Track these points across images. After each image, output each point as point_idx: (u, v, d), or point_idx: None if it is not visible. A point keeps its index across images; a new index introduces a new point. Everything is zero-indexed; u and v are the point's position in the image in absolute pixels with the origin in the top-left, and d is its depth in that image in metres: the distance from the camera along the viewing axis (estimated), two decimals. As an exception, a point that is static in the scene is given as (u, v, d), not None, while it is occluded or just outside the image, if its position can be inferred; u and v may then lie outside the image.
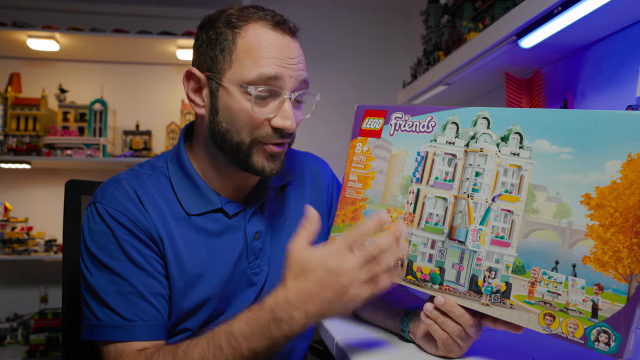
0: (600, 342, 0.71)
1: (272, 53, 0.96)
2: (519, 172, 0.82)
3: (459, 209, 0.88)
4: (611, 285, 0.71)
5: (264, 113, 0.98)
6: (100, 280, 0.95)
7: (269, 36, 0.97)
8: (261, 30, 0.97)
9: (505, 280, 0.81)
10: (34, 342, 3.09)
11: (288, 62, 0.97)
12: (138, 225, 0.97)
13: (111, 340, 0.93)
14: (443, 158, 0.92)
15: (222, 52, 0.98)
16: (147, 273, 0.96)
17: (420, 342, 0.97)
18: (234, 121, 0.98)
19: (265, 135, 0.99)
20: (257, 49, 0.96)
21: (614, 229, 0.71)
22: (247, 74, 0.96)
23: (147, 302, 0.95)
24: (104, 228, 0.97)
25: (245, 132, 0.99)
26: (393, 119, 1.01)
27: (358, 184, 1.04)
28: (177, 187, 1.04)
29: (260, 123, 0.98)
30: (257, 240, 1.08)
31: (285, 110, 0.98)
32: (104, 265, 0.95)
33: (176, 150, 1.09)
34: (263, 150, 1.00)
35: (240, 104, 0.97)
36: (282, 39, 0.98)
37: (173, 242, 1.00)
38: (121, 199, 0.99)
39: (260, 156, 1.00)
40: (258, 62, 0.95)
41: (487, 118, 0.88)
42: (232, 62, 0.97)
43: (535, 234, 0.79)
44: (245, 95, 0.96)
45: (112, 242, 0.96)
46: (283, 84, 0.97)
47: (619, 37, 1.58)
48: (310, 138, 3.50)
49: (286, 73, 0.97)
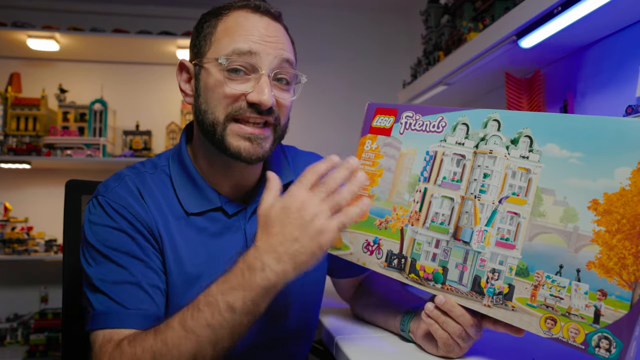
0: (601, 348, 0.71)
1: (249, 31, 0.98)
2: (528, 175, 0.82)
3: (465, 210, 0.88)
4: (615, 292, 0.71)
5: (240, 89, 0.97)
6: (98, 270, 0.95)
7: (248, 18, 1.00)
8: (242, 15, 1.00)
9: (508, 282, 0.81)
10: (34, 342, 3.09)
11: (265, 40, 0.98)
12: (139, 219, 0.97)
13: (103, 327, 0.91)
14: (452, 158, 0.92)
15: (205, 37, 1.01)
16: (145, 264, 0.96)
17: (421, 342, 0.97)
18: (209, 98, 0.99)
19: (239, 109, 0.98)
20: (235, 29, 0.98)
21: (620, 236, 0.71)
22: (223, 50, 0.98)
23: (144, 291, 0.94)
24: (104, 219, 0.97)
25: (220, 108, 0.98)
26: (403, 117, 1.01)
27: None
28: (177, 185, 1.05)
29: (235, 98, 0.98)
30: None
31: (262, 86, 0.97)
32: (103, 255, 0.95)
33: (178, 149, 1.09)
34: (238, 130, 0.98)
35: (215, 78, 0.98)
36: (260, 19, 1.00)
37: (173, 240, 1.00)
38: (124, 193, 0.99)
39: (235, 138, 0.99)
40: (234, 39, 0.97)
41: (497, 120, 0.88)
42: (211, 44, 1.00)
43: (541, 237, 0.79)
44: (220, 70, 0.98)
45: (111, 233, 0.96)
46: (259, 61, 0.97)
47: (619, 37, 1.58)
48: (310, 137, 3.50)
49: (262, 50, 0.97)
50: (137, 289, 0.93)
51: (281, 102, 1.02)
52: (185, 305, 0.95)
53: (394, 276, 0.97)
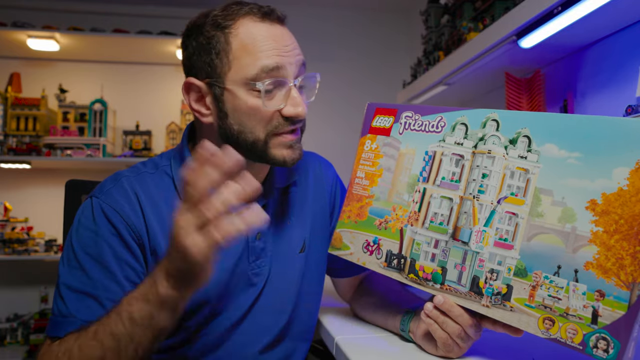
0: (598, 349, 0.71)
1: (269, 45, 0.96)
2: (526, 175, 0.82)
3: (464, 210, 0.88)
4: (613, 292, 0.71)
5: (274, 105, 0.97)
6: (66, 271, 0.95)
7: (261, 29, 0.97)
8: (251, 25, 0.97)
9: (507, 283, 0.81)
10: (34, 342, 3.09)
11: (285, 50, 0.97)
12: (129, 225, 0.96)
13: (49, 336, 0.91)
14: (451, 158, 0.92)
15: (218, 55, 0.97)
16: (113, 278, 0.94)
17: (420, 342, 0.97)
18: (245, 121, 0.98)
19: (278, 126, 0.99)
20: (253, 44, 0.96)
21: (618, 236, 0.71)
22: (249, 71, 0.95)
23: (101, 306, 0.92)
24: (90, 223, 0.96)
25: (259, 128, 0.98)
26: (403, 117, 1.01)
27: (365, 181, 1.05)
28: (180, 185, 1.04)
29: (271, 116, 0.98)
30: (258, 240, 1.08)
31: (294, 98, 0.98)
32: (75, 257, 0.95)
33: (180, 150, 1.09)
34: (280, 142, 1.00)
35: (248, 102, 0.97)
36: (274, 28, 0.98)
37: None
38: (118, 196, 0.98)
39: (278, 148, 1.00)
40: (257, 57, 0.95)
41: (496, 120, 0.88)
42: (230, 63, 0.96)
43: (539, 237, 0.79)
44: (252, 92, 0.96)
45: (91, 238, 0.95)
46: (285, 73, 0.97)
47: (619, 37, 1.58)
48: (310, 137, 3.49)
49: (286, 61, 0.97)
50: (93, 302, 0.92)
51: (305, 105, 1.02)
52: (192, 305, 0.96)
53: (393, 276, 0.97)
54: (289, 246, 1.12)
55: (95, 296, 0.92)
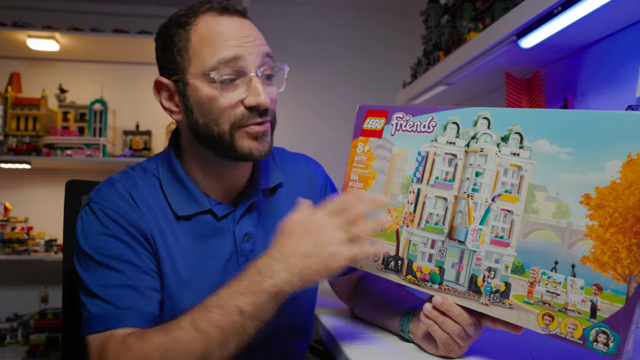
0: (599, 343, 0.71)
1: (226, 36, 0.97)
2: (519, 172, 0.82)
3: (459, 209, 0.88)
4: (610, 286, 0.71)
5: (235, 97, 0.98)
6: (93, 277, 0.95)
7: (219, 22, 0.99)
8: (210, 19, 0.99)
9: (505, 280, 0.81)
10: (34, 342, 3.09)
11: (245, 41, 0.98)
12: (133, 224, 0.98)
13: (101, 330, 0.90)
14: (443, 158, 0.92)
15: (180, 52, 0.99)
16: (139, 269, 0.96)
17: (420, 342, 0.97)
18: (208, 114, 0.99)
19: (243, 118, 0.99)
20: (211, 38, 0.97)
21: (613, 229, 0.71)
22: (207, 63, 0.97)
23: (139, 293, 0.94)
24: (97, 226, 0.97)
25: (222, 121, 0.99)
26: (394, 119, 1.01)
27: (359, 184, 1.05)
28: (166, 188, 1.05)
29: (233, 107, 0.98)
30: (246, 242, 1.08)
31: (256, 88, 0.98)
32: (98, 262, 0.95)
33: (166, 153, 1.10)
34: (245, 133, 1.00)
35: (208, 94, 0.98)
36: (232, 21, 0.99)
37: (166, 243, 1.00)
38: (115, 198, 1.00)
39: (244, 140, 1.00)
40: (215, 49, 0.97)
41: (487, 118, 0.88)
42: (190, 58, 0.99)
43: (535, 234, 0.79)
44: (211, 84, 0.97)
45: (104, 240, 0.96)
46: (245, 63, 0.98)
47: (619, 37, 1.58)
48: (311, 137, 3.50)
49: (245, 52, 0.97)
50: (131, 291, 0.94)
51: (271, 97, 1.02)
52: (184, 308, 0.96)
53: (391, 278, 0.97)
54: None
55: (131, 285, 0.94)
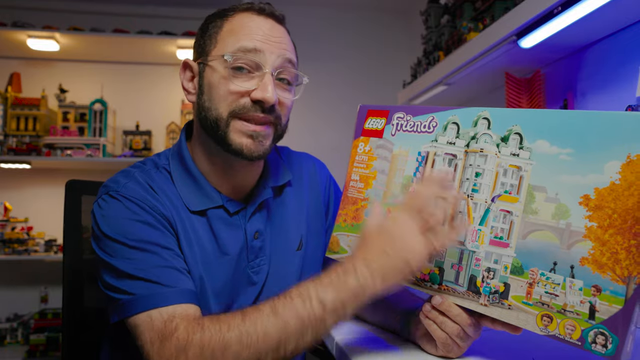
0: (597, 344, 0.71)
1: (254, 30, 1.00)
2: (519, 172, 0.82)
3: (458, 209, 0.88)
4: (609, 287, 0.70)
5: (244, 86, 0.99)
6: (127, 261, 0.92)
7: (253, 19, 1.02)
8: (246, 15, 1.03)
9: (504, 281, 0.81)
10: (34, 342, 3.09)
11: (269, 39, 1.00)
12: (157, 212, 0.97)
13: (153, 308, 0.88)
14: (443, 158, 0.92)
15: (210, 37, 1.03)
16: (171, 251, 0.95)
17: (420, 342, 0.97)
18: (213, 95, 1.00)
19: (243, 107, 0.99)
20: (240, 29, 1.01)
21: (612, 231, 0.71)
22: (228, 48, 0.99)
23: (180, 272, 0.93)
24: (123, 211, 0.95)
25: (224, 104, 0.99)
26: (395, 119, 1.01)
27: (360, 184, 1.04)
28: (178, 183, 1.05)
29: (239, 95, 0.99)
30: (256, 240, 1.08)
31: (266, 84, 0.98)
32: (128, 246, 0.92)
33: (178, 148, 1.10)
34: (241, 127, 1.00)
35: (220, 75, 1.00)
36: (265, 21, 1.02)
37: (186, 233, 1.00)
38: (138, 188, 0.98)
39: (238, 134, 1.00)
40: (238, 38, 1.00)
41: (487, 118, 0.88)
42: (216, 42, 1.02)
43: (534, 234, 0.79)
44: (225, 68, 0.99)
45: (132, 224, 0.94)
46: (263, 59, 0.99)
47: (619, 37, 1.58)
48: (311, 137, 3.50)
49: (266, 48, 0.99)
50: (173, 271, 0.92)
51: (283, 101, 1.03)
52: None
53: None
54: (286, 244, 1.13)
55: (170, 266, 0.93)
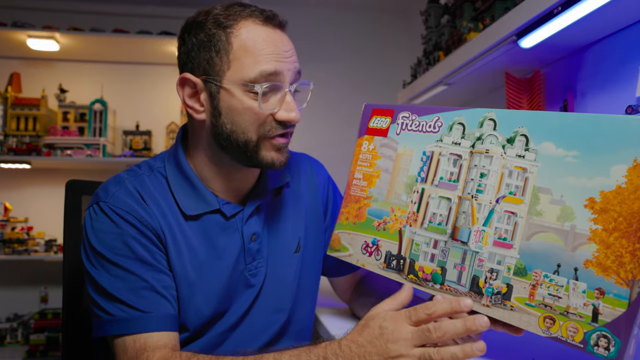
0: (599, 347, 0.71)
1: (269, 49, 0.97)
2: (524, 174, 0.82)
3: (462, 210, 0.88)
4: (612, 290, 0.70)
5: (268, 108, 0.99)
6: (109, 278, 0.95)
7: (262, 32, 0.98)
8: (252, 27, 0.98)
9: (507, 282, 0.81)
10: (34, 342, 3.09)
11: (284, 57, 0.99)
12: (144, 223, 0.98)
13: (127, 333, 0.93)
14: (448, 158, 0.92)
15: (218, 53, 0.98)
16: (155, 268, 0.97)
17: (420, 342, 0.97)
18: (239, 121, 0.99)
19: (271, 129, 1.00)
20: (254, 47, 0.97)
21: (617, 234, 0.71)
22: (248, 73, 0.96)
23: (159, 294, 0.95)
24: (110, 226, 0.97)
25: (252, 130, 0.99)
26: (400, 118, 1.01)
27: (363, 182, 1.05)
28: (174, 187, 1.04)
29: (265, 119, 0.99)
30: (254, 242, 1.08)
31: (289, 103, 1.00)
32: (112, 262, 0.95)
33: (173, 151, 1.09)
34: (270, 145, 1.01)
35: (244, 103, 0.98)
36: (275, 33, 1.00)
37: (176, 242, 1.00)
38: (125, 198, 0.99)
39: (268, 150, 1.01)
40: (257, 60, 0.96)
41: (493, 119, 0.88)
42: (230, 62, 0.97)
43: (538, 236, 0.79)
44: (249, 93, 0.97)
45: (119, 240, 0.96)
46: (283, 78, 0.99)
47: (619, 37, 1.58)
48: (311, 137, 3.50)
49: (284, 67, 0.99)
50: (152, 293, 0.95)
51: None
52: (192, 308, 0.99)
53: (393, 277, 0.97)
54: (284, 246, 1.13)
55: (150, 287, 0.95)
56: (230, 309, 1.05)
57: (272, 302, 1.09)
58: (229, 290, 1.04)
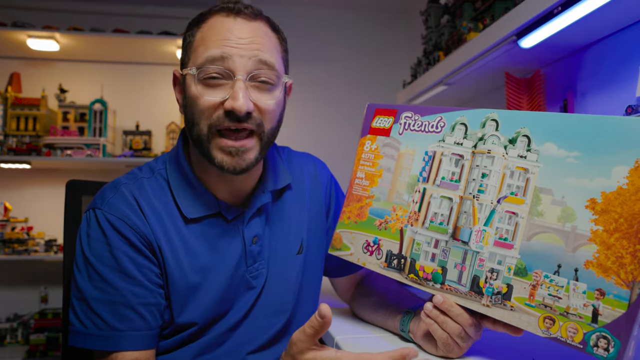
0: (599, 348, 0.71)
1: (222, 35, 0.96)
2: (525, 174, 0.82)
3: (463, 210, 0.88)
4: (613, 291, 0.71)
5: (216, 98, 0.96)
6: (90, 287, 0.95)
7: (223, 22, 0.98)
8: (217, 19, 0.98)
9: (507, 282, 0.81)
10: (34, 342, 3.09)
11: (237, 42, 0.95)
12: (137, 232, 0.97)
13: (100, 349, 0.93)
14: (450, 158, 0.92)
15: (186, 47, 1.02)
16: (138, 283, 0.95)
17: (421, 342, 0.97)
18: (193, 110, 0.99)
19: (217, 120, 0.96)
20: (209, 36, 0.97)
21: (618, 235, 0.71)
22: (198, 60, 0.97)
23: (136, 312, 0.94)
24: (99, 235, 0.96)
25: (203, 119, 0.97)
26: (403, 118, 1.01)
27: (365, 182, 1.05)
28: (175, 190, 1.04)
29: (214, 108, 0.96)
30: (255, 244, 1.07)
31: (236, 91, 0.94)
32: (96, 271, 0.95)
33: (175, 153, 1.09)
34: (220, 143, 0.97)
35: (193, 90, 0.97)
36: (234, 22, 0.97)
37: (173, 247, 1.00)
38: (120, 205, 0.98)
39: (217, 150, 0.97)
40: (207, 47, 0.96)
41: (495, 120, 0.88)
42: (190, 54, 1.00)
43: (539, 236, 0.79)
44: (197, 81, 0.97)
45: (106, 250, 0.96)
46: (233, 65, 0.95)
47: (619, 37, 1.58)
48: (311, 137, 3.51)
49: (235, 52, 0.95)
50: (129, 310, 0.94)
51: (263, 107, 0.98)
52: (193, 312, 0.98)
53: (393, 276, 0.97)
54: (286, 248, 1.12)
55: (127, 304, 0.94)
56: (230, 311, 1.05)
57: (273, 304, 1.09)
58: (229, 293, 1.04)
